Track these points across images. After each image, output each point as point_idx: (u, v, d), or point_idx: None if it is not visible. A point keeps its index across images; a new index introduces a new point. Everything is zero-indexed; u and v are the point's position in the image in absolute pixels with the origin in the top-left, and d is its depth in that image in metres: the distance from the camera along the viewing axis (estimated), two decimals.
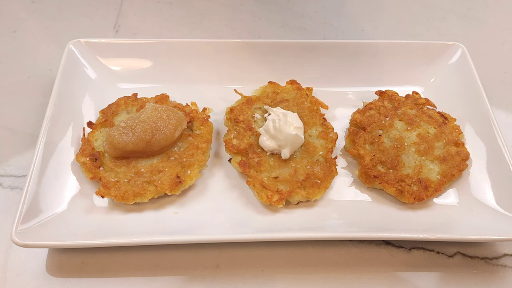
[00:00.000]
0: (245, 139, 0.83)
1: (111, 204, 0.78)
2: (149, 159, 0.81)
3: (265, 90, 0.92)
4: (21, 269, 0.73)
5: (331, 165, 0.81)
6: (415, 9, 1.24)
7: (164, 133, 0.79)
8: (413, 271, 0.75)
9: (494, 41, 1.16)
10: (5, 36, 1.10)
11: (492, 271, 0.75)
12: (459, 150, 0.84)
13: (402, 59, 0.99)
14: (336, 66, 0.98)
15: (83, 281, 0.72)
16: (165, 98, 0.90)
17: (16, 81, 1.00)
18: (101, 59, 0.96)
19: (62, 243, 0.69)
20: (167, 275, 0.73)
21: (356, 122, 0.88)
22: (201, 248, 0.76)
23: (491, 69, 1.08)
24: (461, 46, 0.98)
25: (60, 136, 0.83)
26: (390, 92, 0.93)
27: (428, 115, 0.89)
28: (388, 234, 0.72)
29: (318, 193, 0.78)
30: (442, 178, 0.80)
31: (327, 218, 0.78)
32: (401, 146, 0.83)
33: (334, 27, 1.18)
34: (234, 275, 0.73)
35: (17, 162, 0.86)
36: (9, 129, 0.91)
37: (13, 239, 0.67)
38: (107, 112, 0.87)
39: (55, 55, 1.02)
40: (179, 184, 0.77)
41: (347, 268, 0.75)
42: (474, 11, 1.24)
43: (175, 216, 0.77)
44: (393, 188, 0.79)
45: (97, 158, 0.79)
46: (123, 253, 0.74)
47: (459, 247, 0.77)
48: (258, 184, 0.77)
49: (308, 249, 0.76)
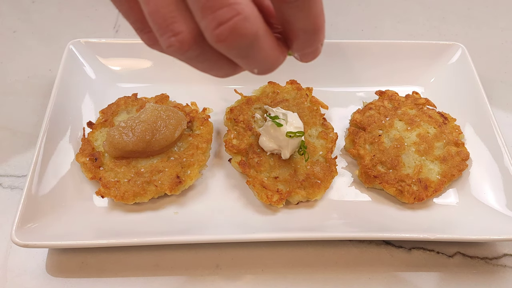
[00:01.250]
0: (245, 139, 0.83)
1: (111, 204, 0.78)
2: (149, 159, 0.81)
3: (265, 90, 0.92)
4: (21, 269, 0.73)
5: (331, 165, 0.81)
6: (415, 9, 1.24)
7: (164, 133, 0.79)
8: (413, 271, 0.75)
9: (494, 41, 1.16)
10: (5, 36, 1.10)
11: (492, 271, 0.75)
12: (459, 150, 0.84)
13: (402, 59, 0.99)
14: (336, 66, 0.98)
15: (83, 281, 0.72)
16: (165, 98, 0.90)
17: (16, 81, 1.00)
18: (101, 59, 0.96)
19: (62, 243, 0.69)
20: (167, 275, 0.73)
21: (356, 122, 0.88)
22: (201, 248, 0.76)
23: (491, 69, 1.08)
24: (461, 46, 0.98)
25: (60, 136, 0.83)
26: (390, 92, 0.93)
27: (428, 115, 0.89)
28: (388, 234, 0.72)
29: (318, 193, 0.78)
30: (442, 178, 0.80)
31: (327, 218, 0.78)
32: (401, 146, 0.83)
33: (334, 27, 1.18)
34: (234, 275, 0.73)
35: (17, 162, 0.86)
36: (9, 129, 0.91)
37: (13, 239, 0.67)
38: (107, 112, 0.87)
39: (55, 55, 1.01)
40: (179, 184, 0.77)
41: (347, 268, 0.75)
42: (474, 11, 1.24)
43: (175, 216, 0.77)
44: (393, 188, 0.79)
45: (97, 158, 0.79)
46: (123, 253, 0.74)
47: (459, 247, 0.78)
48: (258, 184, 0.77)
49: (308, 249, 0.76)
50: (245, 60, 0.45)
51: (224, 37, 0.40)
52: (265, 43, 0.43)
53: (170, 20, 0.43)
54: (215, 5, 0.39)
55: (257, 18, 0.41)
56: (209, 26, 0.40)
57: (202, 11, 0.40)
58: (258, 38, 0.42)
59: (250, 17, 0.40)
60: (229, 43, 0.41)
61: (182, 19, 0.43)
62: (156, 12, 0.43)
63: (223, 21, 0.40)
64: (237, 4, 0.39)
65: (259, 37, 0.42)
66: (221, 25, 0.40)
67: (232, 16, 0.40)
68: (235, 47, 0.42)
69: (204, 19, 0.41)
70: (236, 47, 0.42)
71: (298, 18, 0.45)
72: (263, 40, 0.43)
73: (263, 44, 0.43)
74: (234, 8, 0.39)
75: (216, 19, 0.40)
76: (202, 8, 0.40)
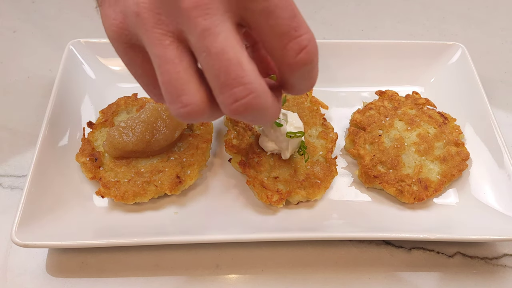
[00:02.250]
0: (245, 139, 0.83)
1: (111, 204, 0.78)
2: (149, 159, 0.81)
3: None
4: (21, 269, 0.73)
5: (331, 165, 0.81)
6: (415, 9, 1.24)
7: (164, 133, 0.79)
8: (413, 271, 0.75)
9: (494, 41, 1.16)
10: (5, 36, 1.10)
11: (492, 271, 0.75)
12: (459, 150, 0.84)
13: (402, 59, 0.99)
14: (336, 66, 0.98)
15: (83, 281, 0.72)
16: None
17: (16, 81, 1.00)
18: (101, 59, 0.96)
19: (62, 243, 0.69)
20: (167, 275, 0.73)
21: (356, 122, 0.88)
22: (201, 248, 0.76)
23: (491, 69, 1.08)
24: (461, 46, 0.98)
25: (60, 136, 0.83)
26: (390, 92, 0.93)
27: (428, 115, 0.89)
28: (388, 234, 0.72)
29: (318, 193, 0.78)
30: (442, 178, 0.80)
31: (327, 218, 0.78)
32: (401, 146, 0.83)
33: (334, 27, 1.18)
34: (234, 275, 0.73)
35: (17, 162, 0.86)
36: (9, 129, 0.91)
37: (13, 239, 0.67)
38: (107, 112, 0.87)
39: (55, 55, 1.01)
40: (179, 184, 0.77)
41: (347, 268, 0.75)
42: (474, 11, 1.24)
43: (175, 216, 0.77)
44: (393, 188, 0.79)
45: (97, 158, 0.79)
46: (123, 253, 0.74)
47: (459, 247, 0.77)
48: (258, 184, 0.77)
49: (308, 249, 0.76)
50: (253, 123, 0.57)
51: (239, 112, 0.47)
52: (271, 109, 0.50)
53: (181, 92, 0.48)
54: (233, 83, 0.45)
55: (266, 93, 0.48)
56: (226, 101, 0.47)
57: (221, 88, 0.46)
58: (266, 109, 0.48)
59: (261, 95, 0.47)
60: (243, 116, 0.48)
61: (194, 91, 0.48)
62: (169, 82, 0.48)
63: (238, 99, 0.46)
64: (251, 84, 0.46)
65: (268, 108, 0.49)
66: (237, 102, 0.46)
67: (247, 94, 0.46)
68: (247, 118, 0.49)
69: (221, 94, 0.47)
70: (248, 118, 0.49)
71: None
72: (271, 108, 0.49)
73: (270, 111, 0.49)
74: (248, 88, 0.46)
75: (232, 96, 0.46)
76: (220, 86, 0.46)
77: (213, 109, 0.50)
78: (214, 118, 0.52)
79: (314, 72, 0.51)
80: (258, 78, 0.47)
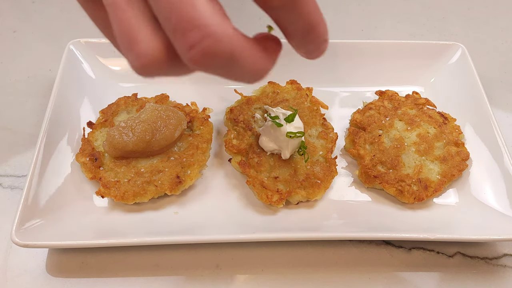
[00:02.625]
0: (245, 139, 0.83)
1: (111, 204, 0.78)
2: (149, 159, 0.81)
3: (265, 90, 0.92)
4: (21, 269, 0.73)
5: (331, 165, 0.81)
6: (415, 9, 1.24)
7: (164, 133, 0.79)
8: (413, 271, 0.75)
9: (494, 41, 1.16)
10: (5, 36, 1.10)
11: (492, 271, 0.75)
12: (459, 150, 0.84)
13: (402, 59, 0.99)
14: (336, 66, 0.98)
15: (83, 281, 0.72)
16: (165, 98, 0.90)
17: (16, 81, 1.00)
18: (101, 59, 0.96)
19: (62, 243, 0.69)
20: (167, 275, 0.73)
21: (356, 122, 0.88)
22: (201, 248, 0.76)
23: (491, 69, 1.08)
24: (461, 46, 0.98)
25: (60, 136, 0.83)
26: (390, 92, 0.93)
27: (428, 115, 0.89)
28: (388, 234, 0.72)
29: (318, 193, 0.78)
30: (442, 178, 0.80)
31: (327, 218, 0.78)
32: (401, 146, 0.83)
33: (334, 27, 1.18)
34: (234, 275, 0.73)
35: (17, 162, 0.86)
36: (9, 129, 0.91)
37: (13, 239, 0.67)
38: (107, 112, 0.87)
39: (55, 55, 1.01)
40: (179, 184, 0.77)
41: (347, 268, 0.75)
42: (474, 11, 1.24)
43: (175, 216, 0.77)
44: (393, 188, 0.79)
45: (97, 158, 0.79)
46: (123, 253, 0.74)
47: (459, 247, 0.78)
48: (258, 184, 0.77)
49: (308, 249, 0.76)
50: (226, 77, 0.44)
51: (198, 60, 0.39)
52: (245, 58, 0.41)
53: (133, 41, 0.41)
54: (186, 27, 0.38)
55: (231, 37, 0.40)
56: (181, 48, 0.39)
57: (174, 32, 0.39)
58: (234, 56, 0.40)
59: (222, 38, 0.39)
60: (203, 65, 0.40)
61: (147, 39, 0.41)
62: (120, 31, 0.41)
63: (193, 44, 0.38)
64: (207, 26, 0.38)
65: (236, 55, 0.40)
66: (193, 48, 0.39)
67: (202, 38, 0.38)
68: (211, 68, 0.41)
69: (176, 41, 0.40)
70: (212, 68, 0.41)
71: (290, 20, 0.44)
72: (243, 56, 0.41)
73: (244, 60, 0.41)
74: (204, 31, 0.38)
75: (186, 42, 0.39)
76: (173, 30, 0.39)
77: (174, 60, 0.42)
78: (180, 72, 0.44)
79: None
80: (218, 20, 0.39)
